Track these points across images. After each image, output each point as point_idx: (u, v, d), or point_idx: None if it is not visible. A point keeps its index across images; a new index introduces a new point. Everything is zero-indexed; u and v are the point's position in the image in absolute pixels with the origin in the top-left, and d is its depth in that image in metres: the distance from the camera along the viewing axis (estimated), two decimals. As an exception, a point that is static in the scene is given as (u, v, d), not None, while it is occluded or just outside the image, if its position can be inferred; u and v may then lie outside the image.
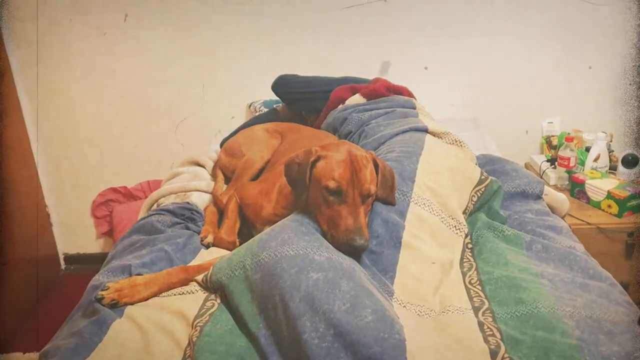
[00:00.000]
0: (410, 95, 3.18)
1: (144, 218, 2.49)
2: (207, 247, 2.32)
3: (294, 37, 3.97)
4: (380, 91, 3.07)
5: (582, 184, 3.35)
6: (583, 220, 3.12)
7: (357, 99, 3.07)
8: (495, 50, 3.98)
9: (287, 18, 3.93)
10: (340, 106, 3.08)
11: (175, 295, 1.88)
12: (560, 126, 4.04)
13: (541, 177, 3.60)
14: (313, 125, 3.24)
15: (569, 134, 3.82)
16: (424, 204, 2.08)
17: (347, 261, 1.73)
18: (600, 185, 3.27)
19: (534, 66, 4.00)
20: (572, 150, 3.51)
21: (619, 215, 3.17)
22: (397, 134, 2.55)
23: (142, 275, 1.93)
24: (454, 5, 3.88)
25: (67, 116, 4.21)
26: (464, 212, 2.23)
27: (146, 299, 1.85)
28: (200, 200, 2.73)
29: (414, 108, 2.92)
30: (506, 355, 1.51)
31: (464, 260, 2.05)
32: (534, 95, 4.06)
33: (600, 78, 3.98)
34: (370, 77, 3.40)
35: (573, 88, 4.02)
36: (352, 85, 3.18)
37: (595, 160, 3.52)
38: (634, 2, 3.76)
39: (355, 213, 1.86)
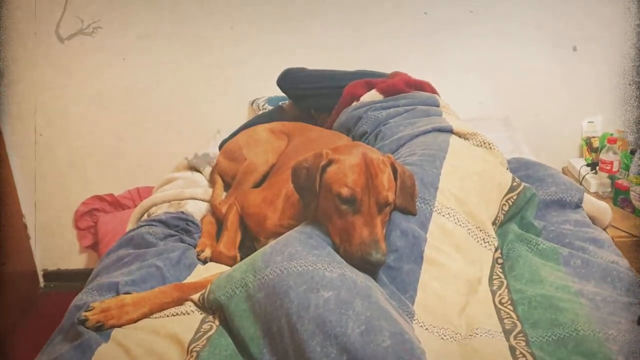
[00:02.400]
0: (433, 91, 3.16)
1: (133, 230, 2.49)
2: (204, 262, 2.31)
3: (303, 27, 3.98)
4: (399, 87, 3.05)
5: (626, 191, 3.33)
6: (628, 232, 3.11)
7: (373, 95, 3.06)
8: (528, 43, 3.99)
9: (295, 5, 3.94)
10: (355, 103, 3.06)
11: (168, 316, 1.87)
12: (602, 126, 4.03)
13: (580, 184, 3.59)
14: (323, 125, 3.23)
15: (611, 134, 3.81)
16: (449, 213, 2.07)
17: (361, 278, 1.72)
18: (647, 193, 3.26)
19: (571, 60, 4.00)
20: (615, 153, 3.50)
21: (669, 226, 3.15)
22: (418, 135, 2.54)
23: (131, 294, 1.92)
24: None
25: (46, 116, 4.23)
26: (493, 223, 2.22)
27: (135, 321, 1.84)
28: (197, 209, 2.73)
29: (437, 106, 2.90)
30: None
31: (494, 277, 2.04)
32: (572, 92, 4.06)
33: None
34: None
35: (615, 84, 4.01)
36: (368, 80, 3.17)
37: (642, 164, 3.51)
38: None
39: (371, 224, 1.85)
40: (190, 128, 4.25)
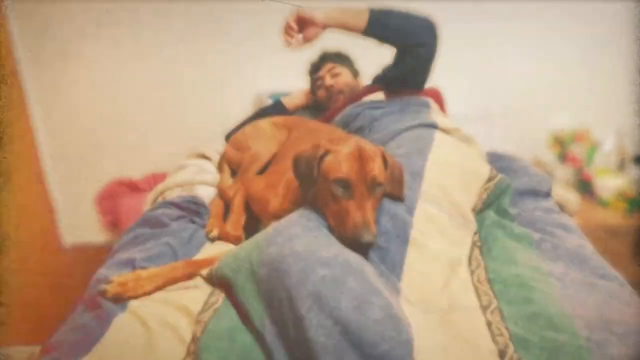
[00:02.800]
0: (437, 98, 3.14)
1: (148, 211, 2.48)
2: (213, 241, 2.31)
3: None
4: (401, 92, 3.03)
5: (591, 182, 3.33)
6: (592, 219, 3.10)
7: (377, 95, 3.04)
8: (504, 45, 3.98)
9: (301, 2, 3.92)
10: (357, 102, 3.05)
11: (179, 290, 1.86)
12: (570, 123, 4.02)
13: (549, 175, 3.59)
14: (321, 119, 3.22)
15: (578, 130, 3.80)
16: (433, 200, 2.06)
17: (354, 258, 1.71)
18: (609, 184, 3.25)
19: (542, 61, 4.00)
20: (581, 147, 3.49)
21: (629, 214, 3.15)
22: (406, 130, 2.54)
23: (146, 269, 1.92)
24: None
25: (75, 107, 4.22)
26: (472, 210, 2.21)
27: (150, 293, 1.84)
28: (206, 193, 2.72)
29: (428, 108, 2.89)
30: (514, 356, 1.50)
31: (473, 258, 2.03)
32: (543, 91, 4.06)
33: (610, 73, 3.97)
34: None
35: (582, 83, 4.01)
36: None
37: (605, 157, 3.50)
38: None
39: (364, 209, 1.84)
40: (200, 120, 4.25)
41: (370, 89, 3.11)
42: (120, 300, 1.79)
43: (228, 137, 3.22)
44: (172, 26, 4.04)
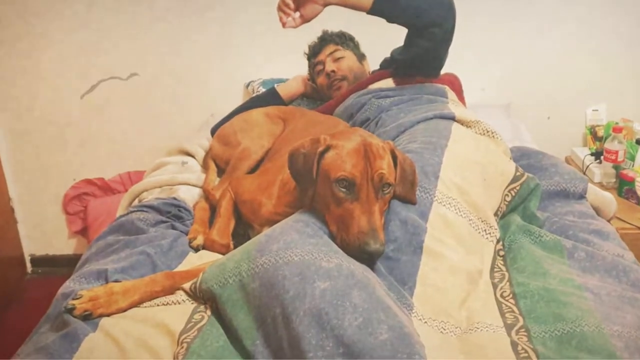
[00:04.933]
0: (455, 86, 3.11)
1: (123, 215, 2.47)
2: (197, 250, 2.30)
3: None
4: (414, 79, 3.01)
5: (631, 181, 3.32)
6: (633, 224, 3.09)
7: (386, 82, 3.02)
8: (532, 28, 3.97)
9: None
10: (362, 90, 3.03)
11: (158, 305, 1.86)
12: (607, 115, 4.02)
13: (584, 174, 3.58)
14: (321, 109, 3.21)
15: (617, 123, 3.79)
16: (450, 203, 2.05)
17: (359, 269, 1.70)
18: (653, 184, 3.24)
19: (576, 46, 3.99)
20: (620, 142, 3.49)
21: (675, 219, 3.14)
22: (419, 122, 2.52)
23: (120, 282, 1.91)
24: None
25: (35, 97, 4.20)
26: (495, 214, 2.21)
27: (125, 310, 1.83)
28: (189, 195, 2.71)
29: (445, 97, 2.88)
30: (544, 382, 1.50)
31: (495, 269, 2.03)
32: (576, 79, 4.04)
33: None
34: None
35: (621, 71, 4.00)
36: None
37: (649, 155, 3.50)
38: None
39: (370, 212, 1.83)
40: (183, 111, 4.23)
41: (377, 75, 3.10)
42: (91, 317, 1.77)
43: (214, 131, 3.20)
44: (163, 11, 4.03)
